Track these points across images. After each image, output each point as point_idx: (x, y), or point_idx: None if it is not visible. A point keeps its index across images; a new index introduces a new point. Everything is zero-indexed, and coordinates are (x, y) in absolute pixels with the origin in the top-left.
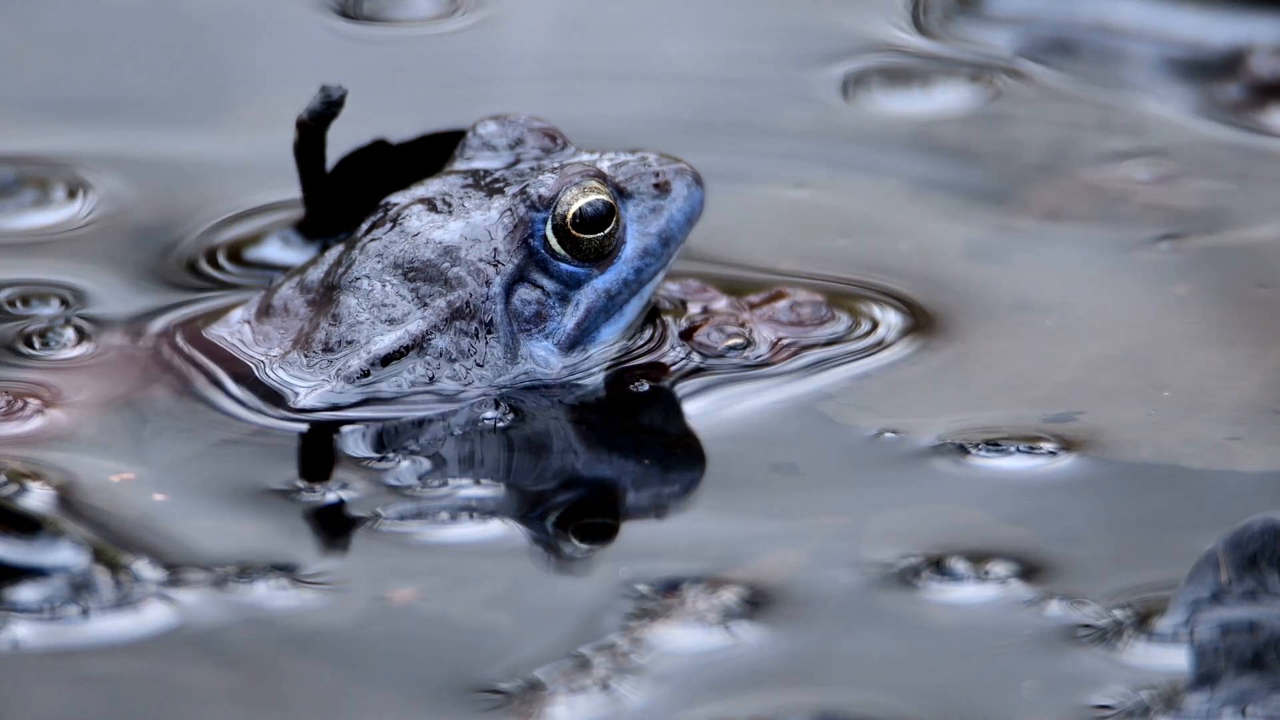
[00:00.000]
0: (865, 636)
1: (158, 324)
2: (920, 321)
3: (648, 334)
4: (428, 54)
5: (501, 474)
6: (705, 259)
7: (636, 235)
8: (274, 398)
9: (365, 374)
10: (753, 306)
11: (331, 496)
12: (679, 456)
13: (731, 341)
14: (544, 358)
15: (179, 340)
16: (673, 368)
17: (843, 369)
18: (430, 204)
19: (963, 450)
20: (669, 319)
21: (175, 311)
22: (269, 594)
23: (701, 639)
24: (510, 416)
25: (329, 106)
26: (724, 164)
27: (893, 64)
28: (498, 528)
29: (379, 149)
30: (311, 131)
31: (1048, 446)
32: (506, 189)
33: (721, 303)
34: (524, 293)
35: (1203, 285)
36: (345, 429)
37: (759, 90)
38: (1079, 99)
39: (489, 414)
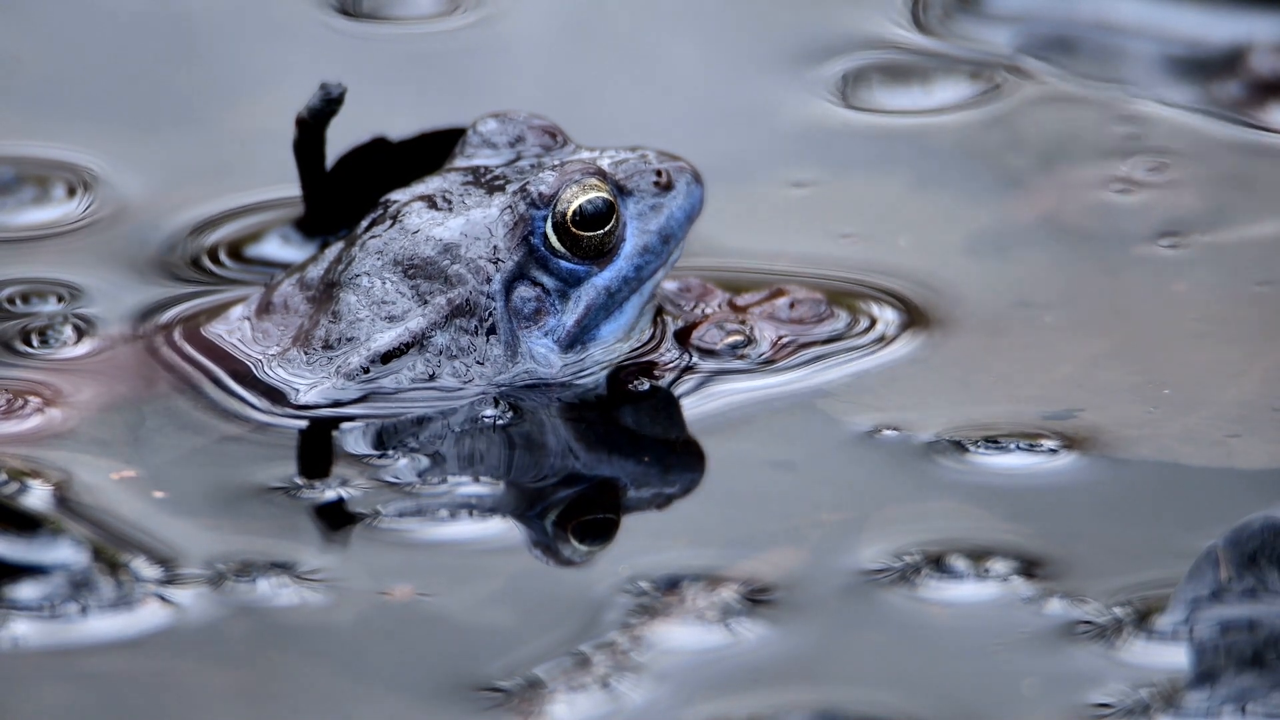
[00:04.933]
0: (865, 634)
1: (157, 321)
2: (919, 318)
3: (648, 332)
4: (428, 52)
5: (501, 472)
6: (705, 257)
7: (636, 233)
8: (274, 395)
9: (365, 371)
10: (752, 305)
11: (331, 494)
12: (678, 454)
13: (731, 339)
14: (544, 355)
15: (178, 337)
16: (672, 366)
17: (842, 366)
18: (430, 201)
19: (962, 447)
20: (669, 317)
21: (175, 309)
22: (268, 592)
23: (701, 637)
24: (510, 414)
25: (329, 104)
26: (724, 161)
27: (893, 61)
28: (497, 525)
29: (379, 146)
30: (311, 129)
31: (1047, 444)
32: (506, 186)
33: (721, 300)
34: (524, 290)
35: (1202, 283)
36: (345, 426)
37: (758, 87)
38: (1079, 96)
39: (489, 412)
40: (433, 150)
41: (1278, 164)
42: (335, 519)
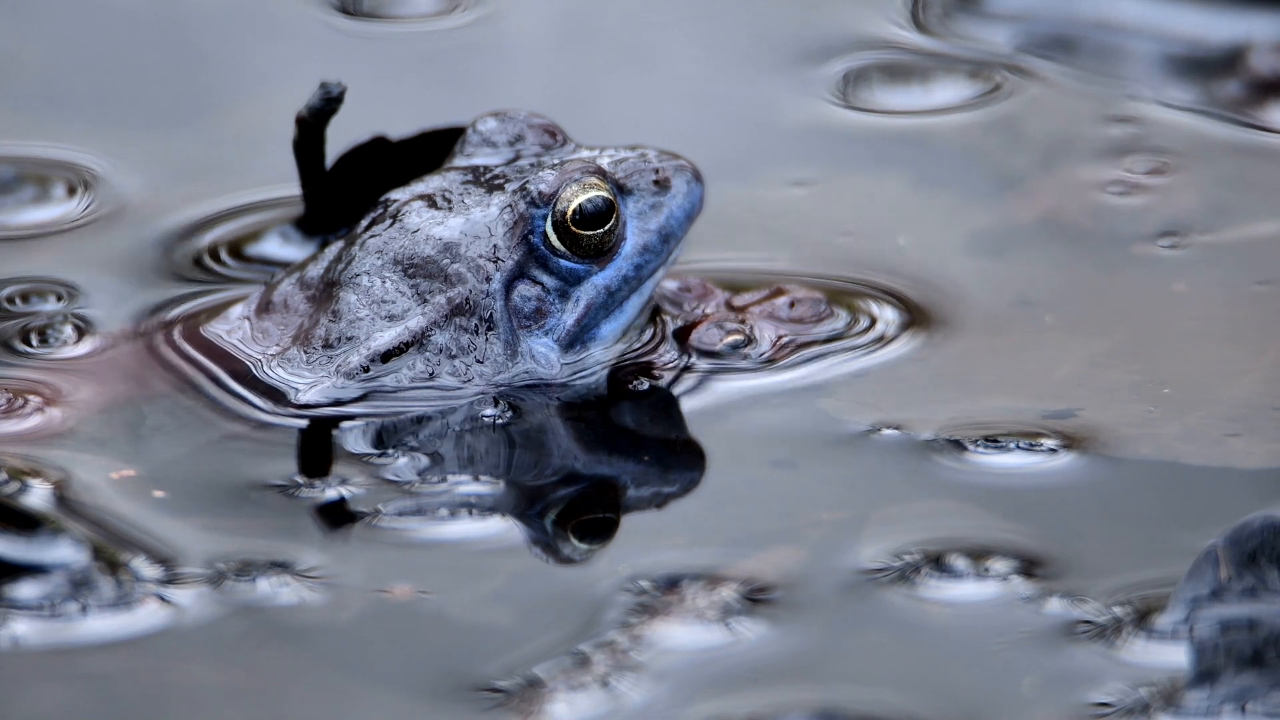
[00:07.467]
0: (865, 633)
1: (157, 320)
2: (919, 318)
3: (647, 332)
4: (428, 51)
5: (501, 471)
6: (705, 256)
7: (636, 232)
8: (274, 394)
9: (365, 370)
10: (752, 304)
11: (331, 493)
12: (678, 454)
13: (731, 339)
14: (544, 354)
15: (178, 337)
16: (672, 365)
17: (842, 366)
18: (430, 200)
19: (962, 447)
20: (668, 317)
21: (175, 308)
22: (268, 591)
23: (701, 636)
24: (509, 413)
25: (328, 103)
26: (724, 160)
27: (892, 61)
28: (497, 524)
29: (378, 145)
30: (311, 128)
31: (1047, 443)
32: (506, 185)
33: (721, 300)
34: (524, 289)
35: (1202, 282)
36: (345, 425)
37: (758, 87)
38: (1079, 96)
39: (488, 411)
40: (432, 149)
41: (1278, 164)
42: (335, 518)
